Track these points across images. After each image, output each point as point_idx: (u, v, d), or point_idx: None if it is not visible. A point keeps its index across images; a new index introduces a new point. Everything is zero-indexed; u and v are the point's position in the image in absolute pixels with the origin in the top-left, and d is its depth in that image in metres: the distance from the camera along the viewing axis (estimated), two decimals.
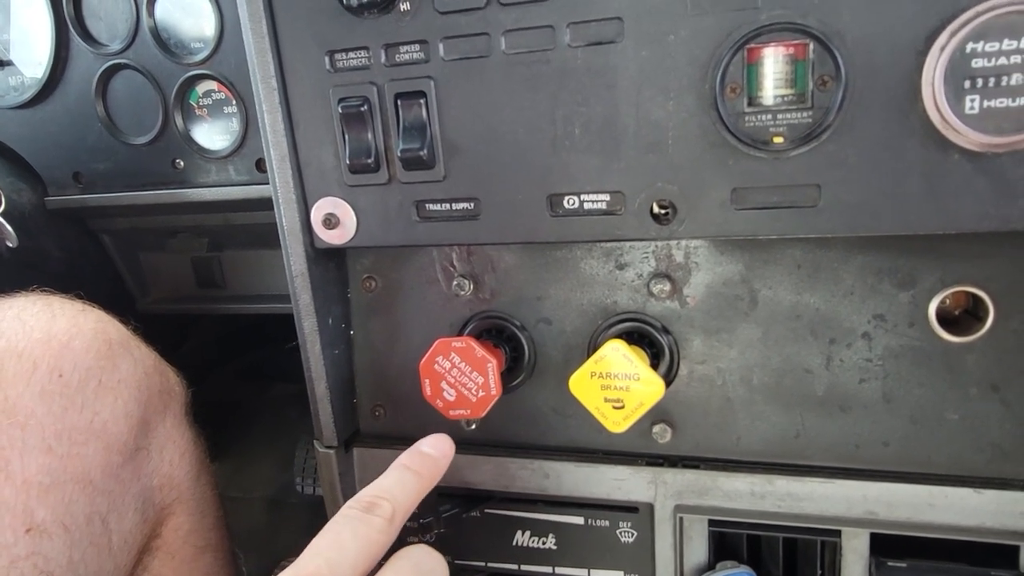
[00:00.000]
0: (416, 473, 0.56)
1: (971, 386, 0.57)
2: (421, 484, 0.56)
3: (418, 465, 0.57)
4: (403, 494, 0.54)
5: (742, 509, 0.63)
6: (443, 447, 0.60)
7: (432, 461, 0.58)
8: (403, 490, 0.54)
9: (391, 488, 0.54)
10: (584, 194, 0.56)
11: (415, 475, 0.56)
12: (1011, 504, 0.57)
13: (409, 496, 0.55)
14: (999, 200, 0.48)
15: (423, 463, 0.58)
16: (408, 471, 0.56)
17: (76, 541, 0.59)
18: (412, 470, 0.57)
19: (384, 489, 0.54)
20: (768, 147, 0.51)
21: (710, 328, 0.62)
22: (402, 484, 0.55)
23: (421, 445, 0.60)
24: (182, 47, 0.85)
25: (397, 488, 0.54)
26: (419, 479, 0.56)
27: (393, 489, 0.54)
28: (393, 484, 0.55)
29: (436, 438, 0.60)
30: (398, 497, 0.53)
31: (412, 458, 0.58)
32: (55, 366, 0.61)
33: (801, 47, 0.49)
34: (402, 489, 0.54)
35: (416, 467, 0.57)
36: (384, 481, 0.55)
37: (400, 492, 0.54)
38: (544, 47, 0.53)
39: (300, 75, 0.60)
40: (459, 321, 0.68)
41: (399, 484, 0.55)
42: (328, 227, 0.63)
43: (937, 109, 0.47)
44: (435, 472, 0.58)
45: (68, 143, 0.91)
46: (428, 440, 0.60)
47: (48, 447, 0.58)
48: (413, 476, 0.56)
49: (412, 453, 0.59)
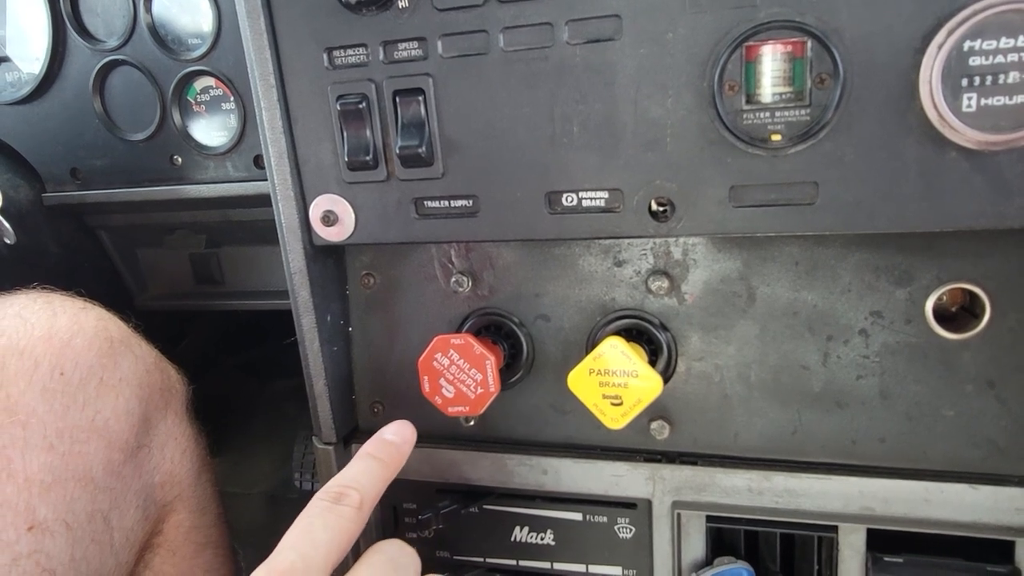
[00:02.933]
0: (380, 461, 0.58)
1: (967, 383, 0.58)
2: (386, 471, 0.58)
3: (383, 452, 0.59)
4: (369, 482, 0.56)
5: (740, 505, 0.63)
6: (405, 433, 0.62)
7: (395, 448, 0.60)
8: (369, 478, 0.56)
9: (357, 477, 0.56)
10: (582, 191, 0.56)
11: (379, 463, 0.58)
12: (1006, 500, 0.57)
13: (375, 483, 0.56)
14: (996, 198, 0.48)
15: (387, 450, 0.60)
16: (372, 459, 0.58)
17: (78, 539, 0.59)
18: (376, 458, 0.58)
19: (350, 478, 0.55)
20: (766, 145, 0.51)
21: (708, 325, 0.62)
22: (368, 472, 0.57)
23: (384, 433, 0.62)
24: (180, 43, 0.84)
25: (363, 476, 0.56)
26: (383, 466, 0.58)
27: (359, 478, 0.56)
28: (359, 473, 0.56)
29: (398, 424, 0.63)
30: (365, 485, 0.55)
31: (376, 446, 0.60)
32: (56, 364, 0.61)
33: (799, 45, 0.49)
34: (368, 477, 0.56)
35: (380, 455, 0.59)
36: (350, 471, 0.57)
37: (367, 480, 0.56)
38: (542, 44, 0.53)
39: (298, 72, 0.60)
40: (457, 318, 0.68)
41: (365, 472, 0.57)
42: (327, 224, 0.63)
43: (934, 107, 0.47)
44: (398, 458, 0.60)
45: (65, 139, 0.91)
46: (390, 427, 0.62)
47: (50, 445, 0.59)
48: (378, 464, 0.58)
49: (375, 441, 0.61)
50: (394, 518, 0.74)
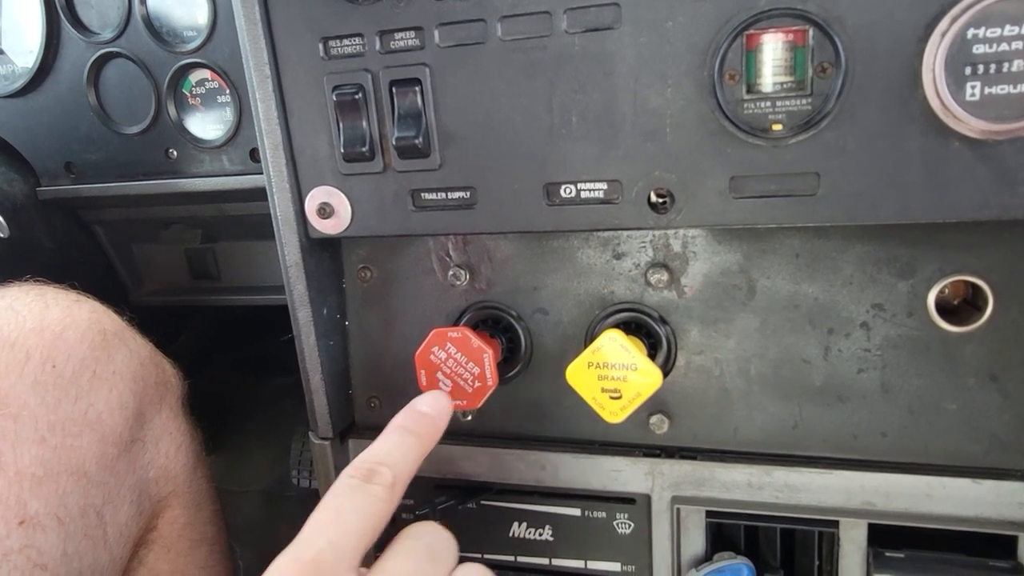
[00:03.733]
0: (414, 434, 0.53)
1: (970, 376, 0.57)
2: (421, 446, 0.52)
3: (417, 426, 0.53)
4: (403, 458, 0.50)
5: (740, 500, 0.63)
6: (440, 405, 0.56)
7: (430, 421, 0.54)
8: (403, 454, 0.51)
9: (390, 452, 0.50)
10: (581, 183, 0.55)
11: (414, 436, 0.52)
12: (1009, 494, 0.56)
13: (409, 460, 0.51)
14: (999, 188, 0.47)
15: (421, 423, 0.54)
16: (407, 433, 0.53)
17: (70, 533, 0.58)
18: (411, 432, 0.53)
19: (383, 454, 0.50)
20: (767, 135, 0.50)
21: (708, 318, 0.62)
22: (401, 447, 0.51)
23: (418, 404, 0.56)
24: (175, 35, 0.84)
25: (397, 452, 0.51)
26: (419, 441, 0.52)
27: (393, 453, 0.50)
28: (392, 448, 0.51)
29: (433, 395, 0.57)
30: (398, 462, 0.50)
31: (409, 418, 0.54)
32: (48, 357, 0.60)
33: (800, 33, 0.48)
34: (402, 453, 0.51)
35: (414, 428, 0.53)
36: (382, 445, 0.51)
37: (400, 456, 0.50)
38: (541, 33, 0.53)
39: (294, 62, 0.59)
40: (455, 311, 0.68)
41: (399, 447, 0.51)
42: (322, 217, 0.62)
43: (937, 96, 0.46)
44: (434, 433, 0.54)
45: (60, 133, 0.90)
46: (424, 398, 0.56)
47: (41, 438, 0.58)
48: (413, 438, 0.52)
49: (409, 412, 0.55)
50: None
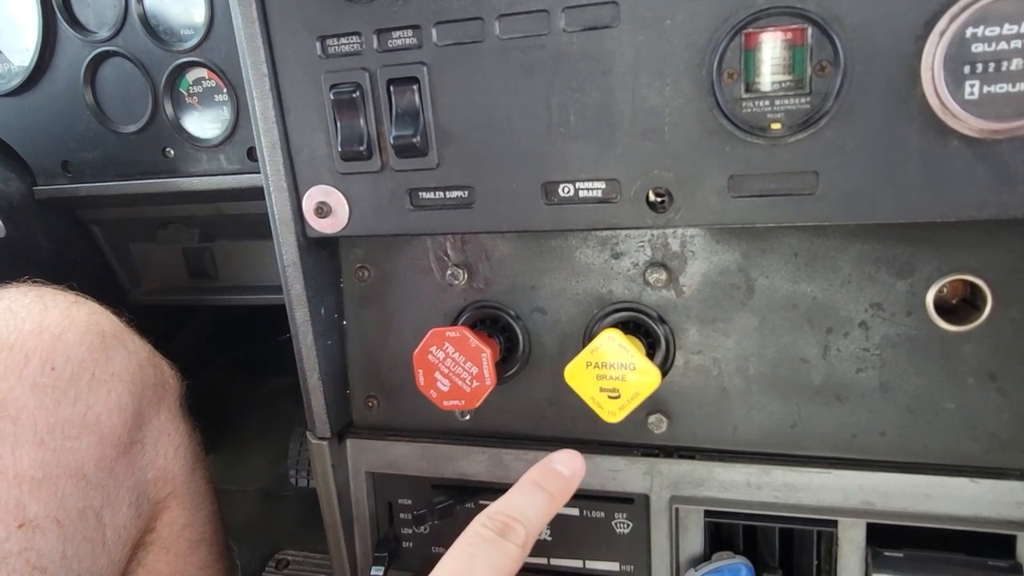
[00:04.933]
0: (548, 495, 0.52)
1: (968, 375, 0.57)
2: (552, 506, 0.52)
3: (552, 485, 0.53)
4: (536, 517, 0.50)
5: (738, 500, 0.63)
6: (575, 466, 0.56)
7: (564, 481, 0.54)
8: (535, 513, 0.51)
9: (525, 510, 0.50)
10: (579, 182, 0.55)
11: (547, 497, 0.52)
12: (1008, 493, 0.56)
13: (541, 520, 0.51)
14: (998, 187, 0.47)
15: (556, 483, 0.54)
16: (542, 492, 0.52)
17: (69, 536, 0.58)
18: (546, 491, 0.53)
19: (519, 510, 0.50)
20: (765, 133, 0.50)
21: (706, 318, 0.62)
22: (535, 506, 0.51)
23: (553, 462, 0.56)
24: (172, 34, 0.83)
25: (531, 510, 0.51)
26: (550, 501, 0.52)
27: (527, 511, 0.50)
28: (527, 505, 0.51)
29: (567, 455, 0.56)
30: (532, 521, 0.50)
31: (545, 476, 0.54)
32: (47, 359, 0.60)
33: (799, 32, 0.48)
34: (535, 512, 0.51)
35: (549, 487, 0.53)
36: (518, 499, 0.52)
37: (533, 514, 0.50)
38: (539, 32, 0.53)
39: (291, 61, 0.59)
40: (453, 311, 0.68)
41: (533, 506, 0.51)
42: (320, 216, 0.62)
43: (936, 94, 0.46)
44: (566, 494, 0.54)
45: (56, 132, 0.90)
46: (560, 456, 0.56)
47: (40, 441, 0.58)
48: (545, 498, 0.52)
49: (545, 471, 0.55)
50: (389, 514, 0.74)
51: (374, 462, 0.72)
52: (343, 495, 0.72)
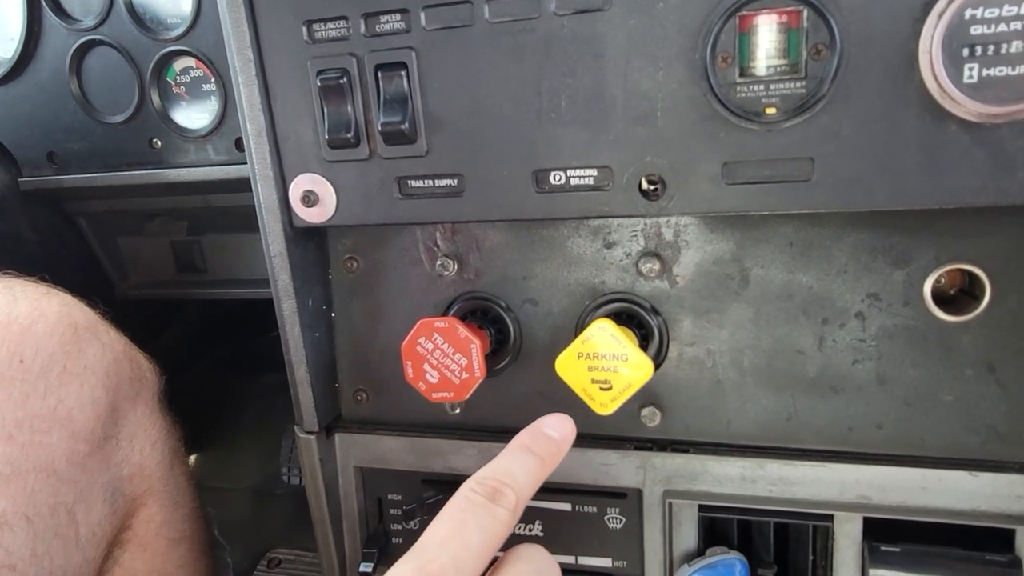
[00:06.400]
0: (538, 458, 0.51)
1: (966, 366, 0.56)
2: (542, 470, 0.51)
3: (541, 448, 0.52)
4: (526, 481, 0.49)
5: (733, 494, 0.62)
6: (565, 430, 0.54)
7: (554, 445, 0.53)
8: (526, 476, 0.49)
9: (514, 473, 0.49)
10: (571, 169, 0.54)
11: (537, 460, 0.51)
12: (1006, 487, 0.56)
13: (531, 484, 0.50)
14: (997, 172, 0.46)
15: (545, 446, 0.52)
16: (531, 455, 0.51)
17: (40, 533, 0.57)
18: (535, 454, 0.51)
19: (508, 474, 0.49)
20: (760, 119, 0.49)
21: (700, 308, 0.61)
22: (525, 469, 0.50)
23: (542, 425, 0.54)
24: (158, 22, 0.82)
25: (521, 474, 0.49)
26: (540, 464, 0.51)
27: (517, 475, 0.49)
28: (517, 469, 0.50)
29: (557, 418, 0.55)
30: (521, 484, 0.49)
31: (534, 439, 0.53)
32: (15, 351, 0.58)
33: (794, 14, 0.47)
34: (525, 475, 0.49)
35: (539, 450, 0.52)
36: (507, 463, 0.50)
37: (523, 478, 0.49)
38: (529, 15, 0.51)
39: (277, 46, 0.58)
40: (443, 302, 0.67)
41: (523, 469, 0.50)
42: (307, 205, 0.61)
43: (934, 78, 0.45)
44: (556, 457, 0.53)
45: (41, 122, 0.88)
46: (550, 420, 0.55)
47: (8, 435, 0.56)
48: (535, 461, 0.51)
49: (534, 434, 0.53)
50: (378, 509, 0.73)
51: (363, 456, 0.71)
52: (332, 490, 0.71)
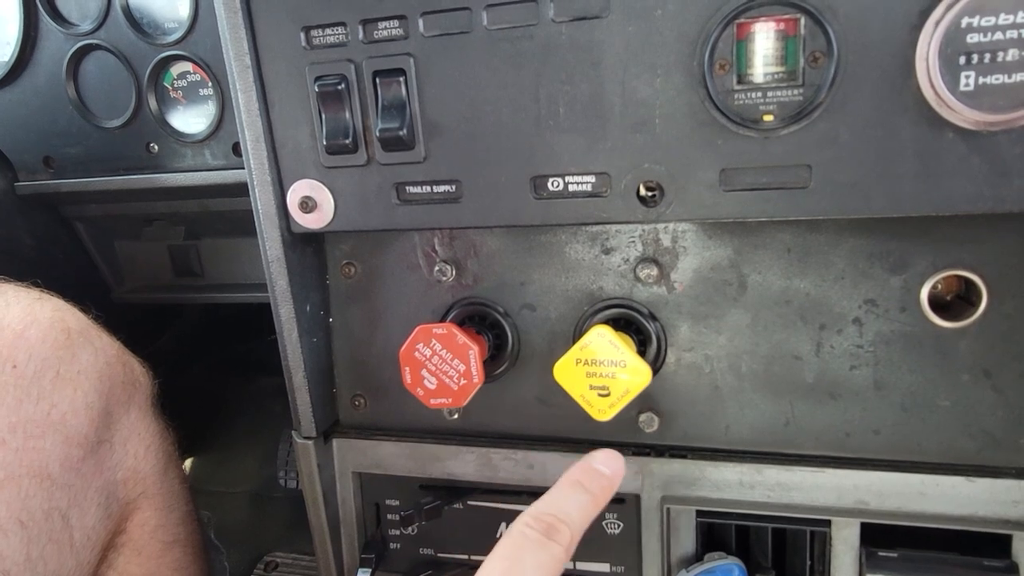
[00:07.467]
0: (591, 495, 0.52)
1: (963, 372, 0.56)
2: (595, 507, 0.52)
3: (594, 485, 0.52)
4: (580, 518, 0.50)
5: (730, 499, 0.62)
6: (616, 466, 0.55)
7: (606, 481, 0.53)
8: (580, 514, 0.50)
9: (569, 510, 0.50)
10: (569, 176, 0.54)
11: (590, 497, 0.52)
12: (1003, 492, 0.56)
13: (584, 520, 0.50)
14: (994, 180, 0.46)
15: (598, 483, 0.53)
16: (584, 491, 0.52)
17: (34, 538, 0.56)
18: (588, 490, 0.52)
19: (564, 512, 0.50)
20: (758, 126, 0.49)
21: (698, 314, 0.61)
22: (579, 507, 0.51)
23: (593, 460, 0.55)
24: (155, 27, 0.82)
25: (575, 511, 0.50)
26: (593, 501, 0.52)
27: (571, 511, 0.50)
28: (572, 507, 0.50)
29: (607, 454, 0.55)
30: (575, 521, 0.49)
31: (587, 476, 0.53)
32: (8, 356, 0.58)
33: (792, 22, 0.47)
34: (579, 512, 0.50)
35: (592, 487, 0.52)
36: (560, 499, 0.51)
37: (577, 515, 0.50)
38: (527, 22, 0.51)
39: (275, 52, 0.58)
40: (441, 308, 0.67)
41: (576, 505, 0.51)
42: (305, 211, 0.61)
43: (931, 86, 0.45)
44: (608, 493, 0.53)
45: (38, 126, 0.88)
46: (600, 456, 0.55)
47: (1, 440, 0.56)
48: (589, 497, 0.51)
49: (587, 470, 0.54)
50: (376, 515, 0.72)
51: (361, 462, 0.71)
52: (329, 496, 0.71)
